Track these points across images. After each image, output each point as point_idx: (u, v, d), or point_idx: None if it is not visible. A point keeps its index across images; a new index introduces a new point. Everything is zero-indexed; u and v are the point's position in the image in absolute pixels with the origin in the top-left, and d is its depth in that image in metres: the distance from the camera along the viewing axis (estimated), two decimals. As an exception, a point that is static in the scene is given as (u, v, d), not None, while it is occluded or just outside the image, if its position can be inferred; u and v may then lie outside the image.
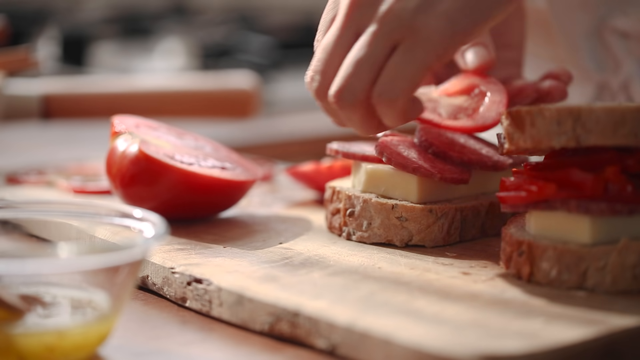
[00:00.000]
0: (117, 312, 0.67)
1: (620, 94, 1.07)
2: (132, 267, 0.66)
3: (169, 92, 1.44)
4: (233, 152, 1.01)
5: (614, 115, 0.73)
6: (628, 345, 0.66)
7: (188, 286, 0.77)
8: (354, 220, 0.87)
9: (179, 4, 2.95)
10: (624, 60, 1.06)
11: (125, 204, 0.91)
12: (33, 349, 0.63)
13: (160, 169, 0.89)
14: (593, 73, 1.08)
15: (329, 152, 0.92)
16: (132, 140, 0.91)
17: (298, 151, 1.75)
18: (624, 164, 0.76)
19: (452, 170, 0.86)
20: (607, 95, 1.07)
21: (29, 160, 1.34)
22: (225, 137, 1.57)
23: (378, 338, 0.65)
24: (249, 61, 2.18)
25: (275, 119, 2.01)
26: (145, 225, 0.71)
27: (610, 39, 1.06)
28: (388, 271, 0.78)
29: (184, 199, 0.90)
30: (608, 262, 0.74)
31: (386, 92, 0.77)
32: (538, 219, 0.78)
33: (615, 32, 1.06)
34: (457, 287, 0.75)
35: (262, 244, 0.86)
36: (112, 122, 0.94)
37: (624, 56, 1.06)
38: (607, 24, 1.06)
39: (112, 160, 0.91)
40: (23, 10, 2.66)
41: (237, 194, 0.94)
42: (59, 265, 0.65)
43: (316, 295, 0.72)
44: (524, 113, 0.76)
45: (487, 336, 0.65)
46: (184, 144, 0.96)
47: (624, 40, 1.05)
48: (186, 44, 2.35)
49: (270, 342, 0.71)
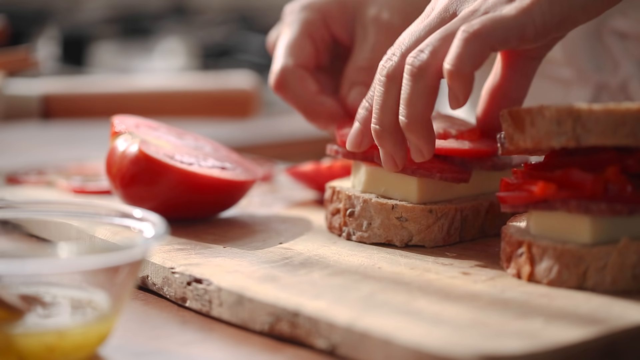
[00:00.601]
0: (117, 312, 0.67)
1: (619, 95, 1.07)
2: (132, 267, 0.66)
3: (169, 92, 1.44)
4: (233, 152, 1.01)
5: (614, 116, 0.73)
6: (628, 345, 0.66)
7: (188, 286, 0.77)
8: (354, 221, 0.87)
9: (179, 4, 2.95)
10: (622, 61, 1.06)
11: (125, 204, 0.91)
12: (33, 349, 0.63)
13: (160, 169, 0.89)
14: (591, 74, 1.08)
15: (329, 152, 0.92)
16: (132, 140, 0.91)
17: (298, 151, 1.75)
18: (624, 164, 0.76)
19: (452, 169, 0.86)
20: (605, 96, 1.07)
21: (29, 160, 1.34)
22: (225, 137, 1.56)
23: (378, 338, 0.65)
24: (249, 61, 2.18)
25: (275, 119, 2.01)
26: (145, 225, 0.71)
27: (609, 40, 1.06)
28: (388, 271, 0.78)
29: (184, 199, 0.90)
30: (608, 262, 0.74)
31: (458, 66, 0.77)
32: (538, 219, 0.78)
33: (614, 33, 1.06)
34: (457, 287, 0.75)
35: (262, 244, 0.86)
36: (112, 122, 0.94)
37: (622, 57, 1.06)
38: (606, 25, 1.06)
39: (112, 160, 0.91)
40: (23, 10, 2.66)
41: (237, 194, 0.94)
42: (59, 265, 0.65)
43: (316, 295, 0.72)
44: (524, 113, 0.76)
45: (487, 336, 0.65)
46: (184, 144, 0.96)
47: (622, 41, 1.06)
48: (186, 44, 2.35)
49: (270, 342, 0.71)
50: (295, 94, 0.97)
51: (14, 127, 1.31)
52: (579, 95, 1.09)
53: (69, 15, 2.74)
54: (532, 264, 0.76)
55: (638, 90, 1.06)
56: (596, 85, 1.08)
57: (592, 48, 1.07)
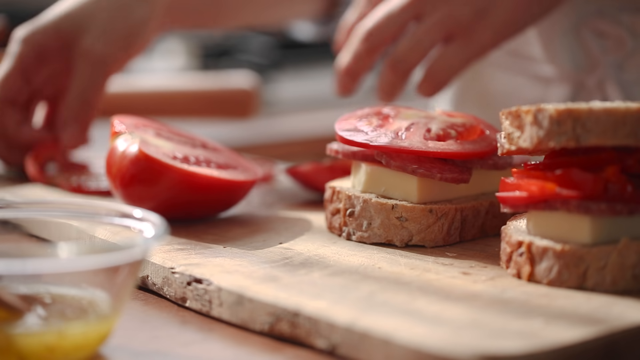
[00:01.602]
0: (117, 312, 0.67)
1: (596, 94, 1.08)
2: (132, 267, 0.66)
3: (169, 92, 1.44)
4: (233, 152, 1.01)
5: (615, 116, 0.73)
6: (628, 345, 0.66)
7: (188, 286, 0.77)
8: (354, 220, 0.87)
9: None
10: (600, 60, 1.07)
11: (125, 204, 0.91)
12: (33, 349, 0.63)
13: (161, 169, 0.89)
14: (570, 72, 1.09)
15: (329, 152, 0.92)
16: (132, 140, 0.91)
17: (298, 151, 1.75)
18: (624, 164, 0.76)
19: (452, 169, 0.86)
20: (583, 94, 1.09)
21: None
22: (225, 137, 1.57)
23: (378, 338, 0.65)
24: (249, 61, 2.18)
25: (275, 119, 2.01)
26: (145, 225, 0.71)
27: (588, 39, 1.07)
28: (388, 271, 0.78)
29: (184, 199, 0.90)
30: (608, 262, 0.74)
31: (430, 76, 0.99)
32: (538, 219, 0.78)
33: (593, 32, 1.07)
34: (457, 287, 0.75)
35: (262, 244, 0.86)
36: (112, 122, 0.94)
37: (600, 56, 1.07)
38: (586, 24, 1.07)
39: (112, 160, 0.91)
40: (23, 10, 2.66)
41: (238, 194, 0.94)
42: (59, 265, 0.65)
43: (316, 295, 0.72)
44: (523, 113, 0.76)
45: (487, 336, 0.65)
46: (184, 144, 0.96)
47: (600, 40, 1.07)
48: (186, 44, 2.35)
49: (270, 342, 0.71)
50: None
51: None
52: (558, 93, 1.10)
53: (68, 15, 2.74)
54: (532, 264, 0.76)
55: (615, 90, 1.07)
56: (574, 83, 1.10)
57: (571, 46, 1.08)
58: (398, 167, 0.85)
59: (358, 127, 0.89)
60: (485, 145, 0.88)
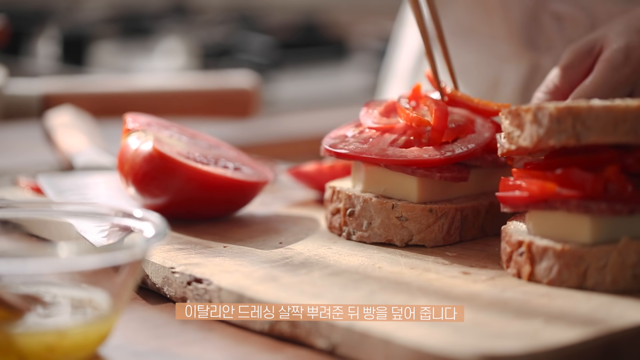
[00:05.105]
0: (117, 312, 0.67)
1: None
2: (132, 267, 0.66)
3: (169, 92, 1.44)
4: (243, 154, 1.01)
5: (614, 113, 0.73)
6: (628, 345, 0.66)
7: (188, 286, 0.77)
8: (354, 220, 0.87)
9: (179, 4, 2.95)
10: (556, 42, 1.08)
11: (137, 200, 0.91)
12: (33, 348, 0.63)
13: (174, 167, 0.89)
14: (527, 52, 1.11)
15: (323, 153, 0.92)
16: (145, 138, 0.91)
17: (299, 151, 1.75)
18: (624, 164, 0.76)
19: (451, 168, 0.86)
20: (539, 76, 1.09)
21: (29, 160, 1.34)
22: (226, 136, 1.56)
23: (378, 338, 0.65)
24: (249, 61, 2.18)
25: (275, 119, 2.01)
26: (145, 225, 0.71)
27: (546, 20, 1.09)
28: (388, 271, 0.78)
29: (197, 197, 0.90)
30: (608, 262, 0.74)
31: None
32: (538, 219, 0.78)
33: (552, 14, 1.09)
34: (457, 287, 0.75)
35: (262, 244, 0.86)
36: (124, 119, 0.94)
37: (557, 38, 1.08)
38: (545, 6, 1.09)
39: (124, 157, 0.91)
40: (23, 10, 2.66)
41: (249, 195, 0.94)
42: (59, 265, 0.65)
43: (316, 295, 0.72)
44: (523, 111, 0.76)
45: (487, 336, 0.65)
46: (196, 144, 0.96)
47: (558, 22, 1.08)
48: (186, 43, 2.35)
49: (270, 342, 0.71)
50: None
51: (14, 127, 1.31)
52: (513, 72, 1.12)
53: (69, 15, 2.74)
54: (532, 263, 0.76)
55: None
56: (530, 64, 1.12)
57: (529, 26, 1.10)
58: (398, 168, 0.85)
59: (344, 134, 0.90)
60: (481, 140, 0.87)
